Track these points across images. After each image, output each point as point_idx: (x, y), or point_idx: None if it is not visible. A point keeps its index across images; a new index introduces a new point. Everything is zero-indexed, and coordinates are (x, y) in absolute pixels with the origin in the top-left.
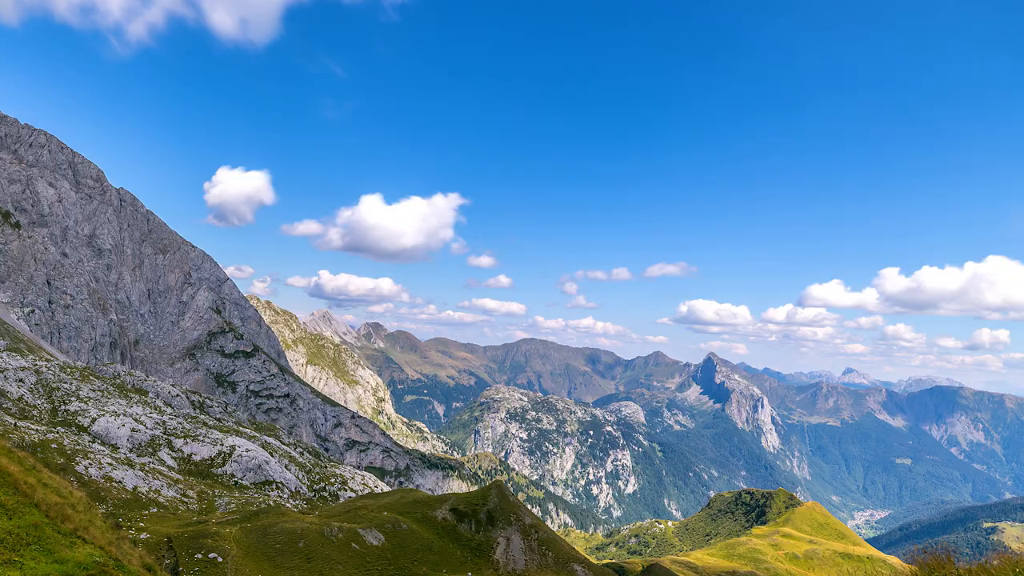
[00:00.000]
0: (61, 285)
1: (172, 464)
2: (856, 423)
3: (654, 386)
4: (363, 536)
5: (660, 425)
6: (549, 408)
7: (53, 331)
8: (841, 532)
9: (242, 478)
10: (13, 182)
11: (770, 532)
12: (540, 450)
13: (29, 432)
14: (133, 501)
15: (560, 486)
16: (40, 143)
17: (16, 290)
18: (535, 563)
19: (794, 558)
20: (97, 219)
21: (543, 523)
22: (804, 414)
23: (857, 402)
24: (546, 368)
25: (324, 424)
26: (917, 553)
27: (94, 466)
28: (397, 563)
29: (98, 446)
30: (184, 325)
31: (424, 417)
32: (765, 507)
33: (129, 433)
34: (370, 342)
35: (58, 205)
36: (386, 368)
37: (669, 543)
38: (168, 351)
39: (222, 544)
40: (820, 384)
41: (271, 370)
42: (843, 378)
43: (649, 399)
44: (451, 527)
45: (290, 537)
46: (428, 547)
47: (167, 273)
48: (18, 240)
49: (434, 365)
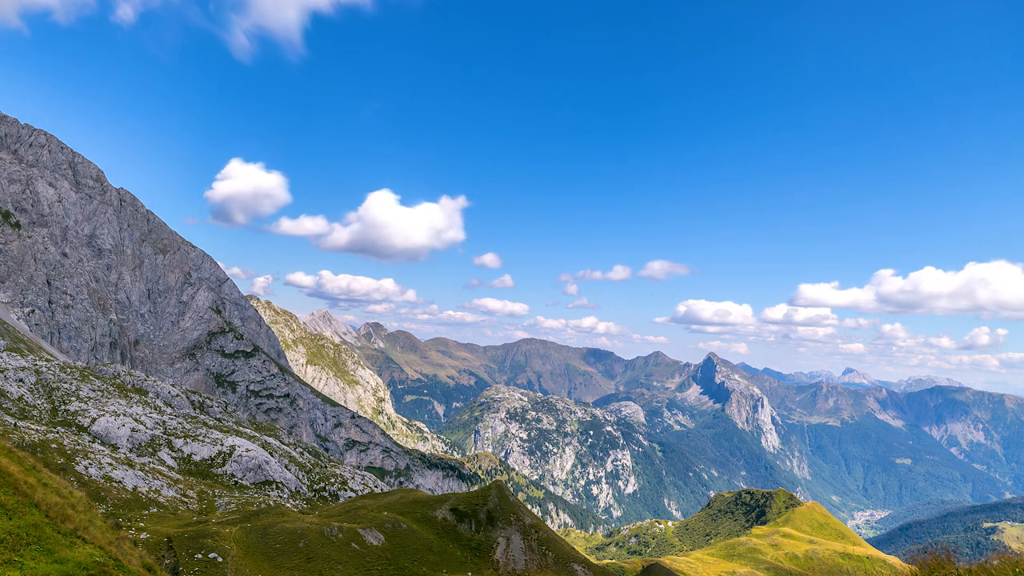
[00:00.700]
0: (61, 285)
1: (172, 464)
2: (856, 423)
3: (654, 386)
4: (363, 536)
5: (660, 425)
6: (549, 408)
7: (53, 331)
8: (841, 532)
9: (242, 478)
10: (13, 182)
11: (770, 532)
12: (540, 450)
13: (29, 432)
14: (133, 501)
15: (560, 486)
16: (40, 143)
17: (16, 290)
18: (535, 563)
19: (794, 558)
20: (97, 219)
21: (543, 523)
22: (804, 414)
23: (857, 402)
24: (546, 368)
25: (324, 424)
26: (917, 553)
27: (94, 466)
28: (397, 563)
29: (98, 446)
30: (184, 325)
31: (424, 417)
32: (765, 507)
33: (129, 433)
34: (370, 342)
35: (58, 205)
36: (386, 368)
37: (669, 543)
38: (168, 351)
39: (222, 544)
40: (820, 384)
41: (271, 370)
42: (843, 378)
43: (649, 399)
44: (451, 527)
45: (290, 537)
46: (428, 547)
47: (167, 273)
48: (18, 240)
49: (434, 365)
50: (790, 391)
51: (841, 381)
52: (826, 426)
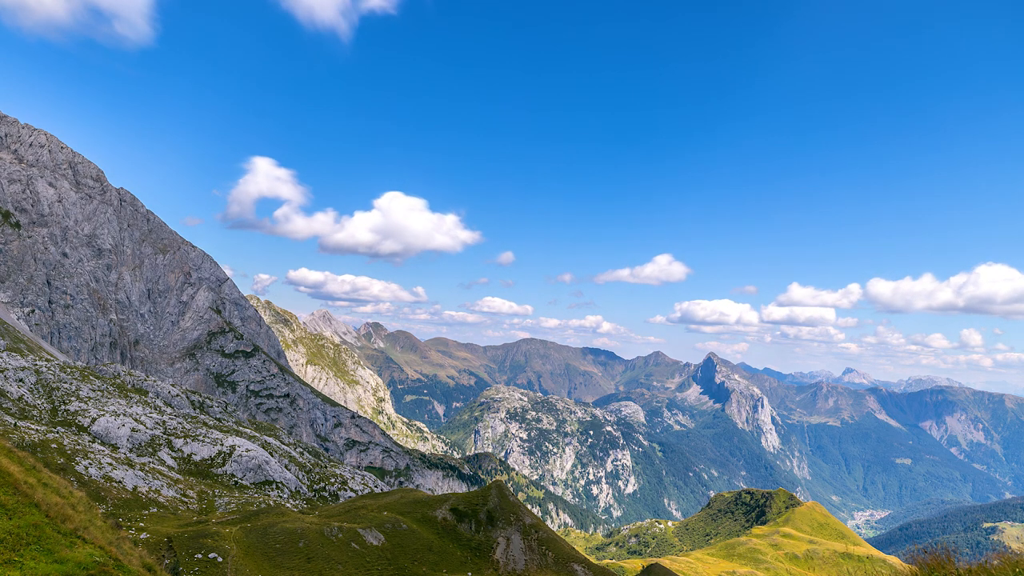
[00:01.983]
0: (61, 285)
1: (172, 464)
2: (856, 423)
3: (654, 386)
4: (363, 536)
5: (660, 425)
6: (549, 408)
7: (53, 331)
8: (841, 532)
9: (242, 478)
10: (13, 182)
11: (770, 532)
12: (540, 450)
13: (29, 432)
14: (133, 501)
15: (560, 486)
16: (40, 143)
17: (16, 290)
18: (535, 563)
19: (794, 558)
20: (97, 219)
21: (543, 523)
22: (804, 414)
23: (857, 402)
24: (546, 368)
25: (324, 424)
26: (917, 553)
27: (94, 466)
28: (397, 563)
29: (98, 446)
30: (184, 325)
31: (424, 417)
32: (765, 507)
33: (129, 433)
34: (370, 342)
35: (58, 205)
36: (386, 368)
37: (669, 543)
38: (168, 351)
39: (222, 544)
40: (820, 384)
41: (271, 370)
42: (843, 378)
43: (649, 399)
44: (451, 527)
45: (290, 537)
46: (428, 547)
47: (167, 273)
48: (18, 240)
49: (434, 365)
50: (790, 391)
51: (841, 381)
52: (826, 426)
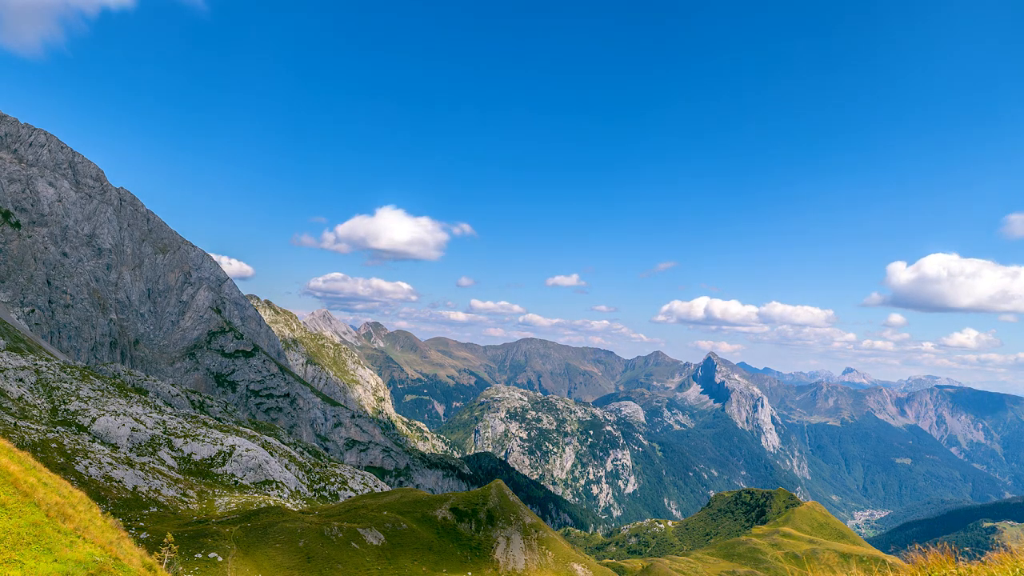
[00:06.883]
0: (61, 285)
1: (172, 463)
2: (856, 423)
3: (654, 386)
4: (363, 536)
5: (660, 425)
6: (549, 408)
7: (53, 331)
8: (841, 532)
9: (242, 478)
10: (13, 182)
11: (770, 532)
12: (540, 450)
13: (29, 432)
14: (133, 500)
15: (560, 486)
16: (40, 143)
17: (16, 290)
18: (535, 563)
19: (794, 558)
20: (97, 219)
21: (543, 523)
22: (804, 414)
23: (857, 402)
24: (546, 368)
25: (324, 424)
26: (917, 553)
27: (94, 466)
28: (397, 563)
29: (98, 446)
30: (184, 325)
31: (424, 417)
32: (765, 507)
33: (129, 432)
34: (370, 342)
35: (58, 205)
36: (386, 368)
37: (669, 543)
38: (168, 351)
39: (222, 544)
40: (820, 384)
41: (271, 370)
42: (843, 378)
43: (649, 399)
44: (451, 527)
45: (290, 537)
46: (428, 547)
47: (167, 273)
48: (18, 240)
49: (434, 365)
50: (790, 391)
51: (841, 381)
52: (826, 426)
